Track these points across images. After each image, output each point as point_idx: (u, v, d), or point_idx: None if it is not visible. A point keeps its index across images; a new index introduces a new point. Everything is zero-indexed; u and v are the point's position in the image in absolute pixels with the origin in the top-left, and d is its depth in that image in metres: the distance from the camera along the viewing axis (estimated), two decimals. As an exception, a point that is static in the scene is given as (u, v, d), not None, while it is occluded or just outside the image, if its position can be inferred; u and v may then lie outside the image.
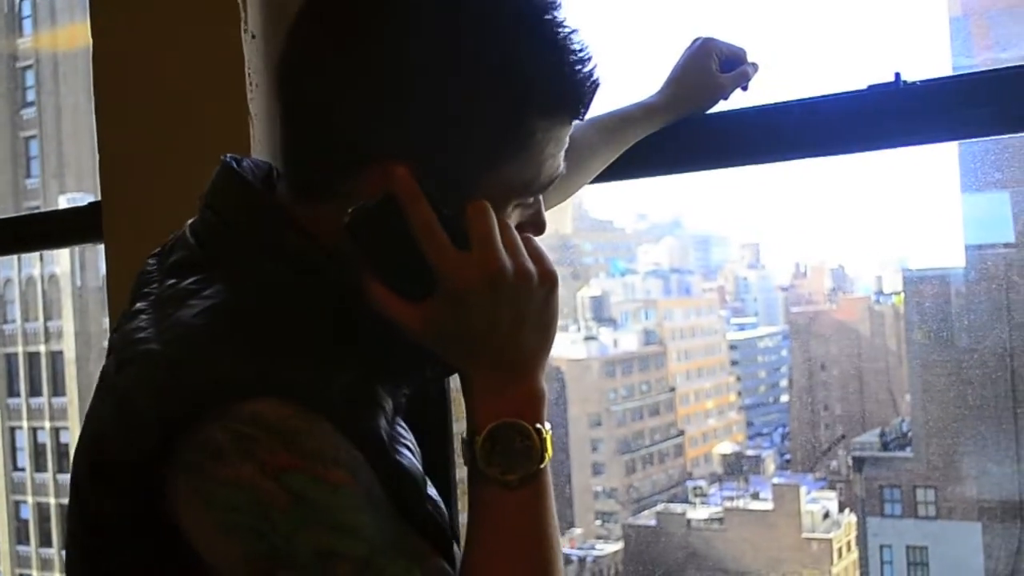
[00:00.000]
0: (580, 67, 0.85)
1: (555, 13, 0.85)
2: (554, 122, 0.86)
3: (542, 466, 0.83)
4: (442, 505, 0.89)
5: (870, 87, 1.25)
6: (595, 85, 0.87)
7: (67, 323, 15.97)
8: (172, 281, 0.88)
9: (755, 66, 1.35)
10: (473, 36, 0.82)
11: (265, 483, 0.75)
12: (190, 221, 0.94)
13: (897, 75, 1.23)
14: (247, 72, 1.52)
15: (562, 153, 0.88)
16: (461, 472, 1.72)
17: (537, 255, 0.85)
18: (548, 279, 0.85)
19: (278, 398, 0.77)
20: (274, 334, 0.82)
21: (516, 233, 0.85)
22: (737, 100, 1.35)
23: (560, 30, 0.84)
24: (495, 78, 0.82)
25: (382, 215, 0.82)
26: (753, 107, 1.33)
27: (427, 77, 0.81)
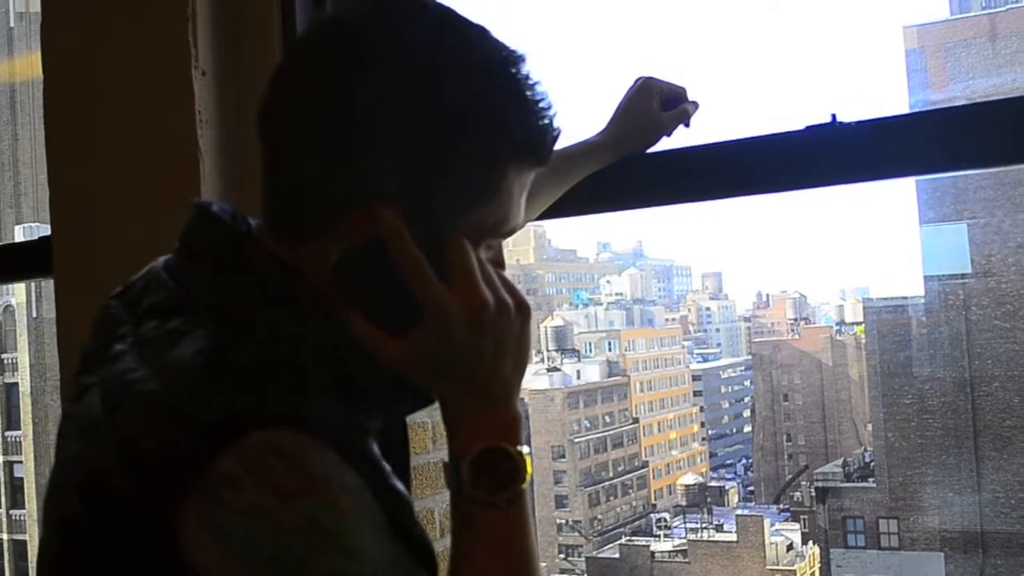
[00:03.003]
0: (546, 116, 0.90)
1: (522, 67, 0.90)
2: (523, 168, 0.91)
3: (524, 486, 0.87)
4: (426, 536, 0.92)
5: (807, 127, 1.28)
6: (558, 133, 0.92)
7: (23, 355, 15.77)
8: (153, 323, 0.89)
9: (696, 104, 1.38)
10: (450, 89, 0.87)
11: (281, 508, 0.77)
12: (162, 263, 0.96)
13: (833, 116, 1.26)
14: (197, 109, 1.53)
15: (525, 196, 0.94)
16: (422, 503, 1.73)
17: (510, 288, 0.90)
18: (523, 310, 0.90)
19: (286, 427, 0.80)
20: (272, 369, 0.84)
21: (491, 268, 0.90)
22: (680, 138, 1.38)
23: (528, 82, 0.89)
24: (472, 130, 0.87)
25: (369, 255, 0.87)
26: (694, 146, 1.35)
27: (411, 128, 0.86)
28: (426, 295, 0.86)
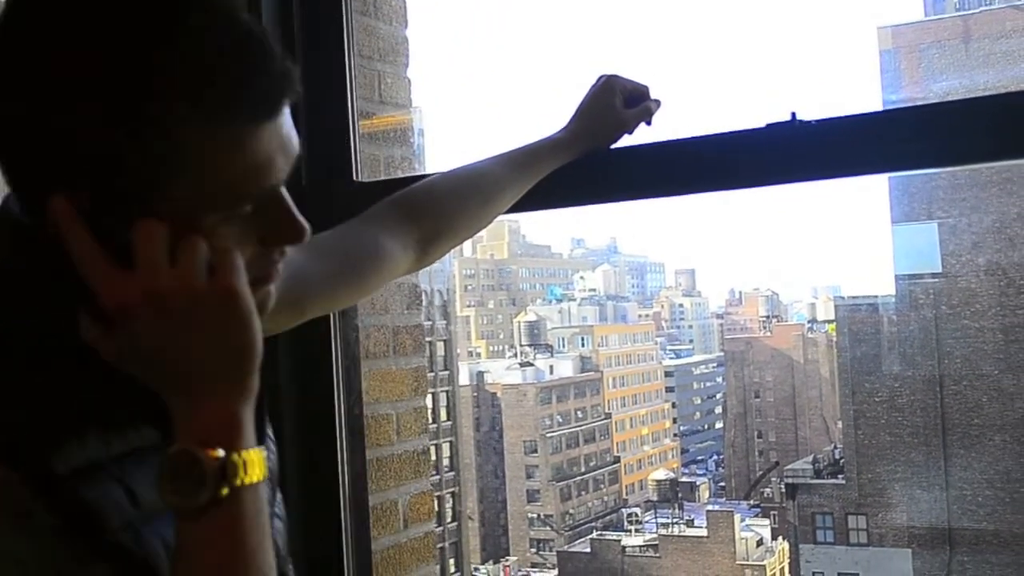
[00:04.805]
0: (231, 65, 0.77)
1: (197, 18, 0.77)
2: (217, 129, 0.77)
3: (222, 495, 0.77)
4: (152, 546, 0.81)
5: (767, 125, 1.29)
6: (265, 82, 0.79)
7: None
8: None
9: (658, 102, 1.38)
10: (108, 59, 0.76)
11: None
12: None
13: (793, 114, 1.28)
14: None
15: (262, 158, 0.80)
16: (384, 495, 1.73)
17: (225, 269, 0.80)
18: (219, 293, 0.79)
19: None
20: None
21: (197, 248, 0.79)
22: (641, 135, 1.39)
23: (203, 35, 0.77)
24: (132, 96, 0.76)
25: (57, 248, 0.80)
26: (655, 143, 1.36)
27: (66, 103, 0.76)
28: (97, 284, 0.78)
